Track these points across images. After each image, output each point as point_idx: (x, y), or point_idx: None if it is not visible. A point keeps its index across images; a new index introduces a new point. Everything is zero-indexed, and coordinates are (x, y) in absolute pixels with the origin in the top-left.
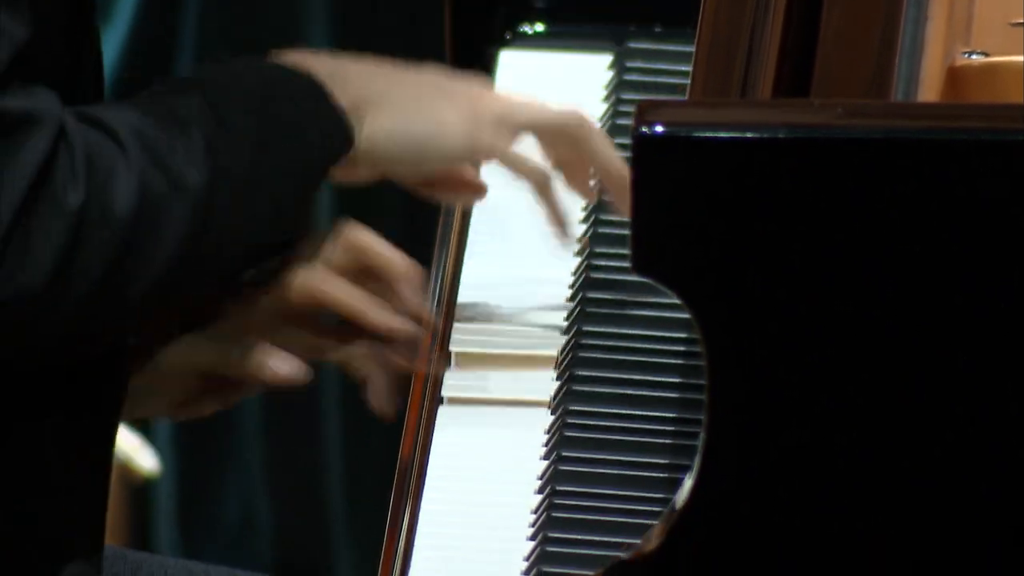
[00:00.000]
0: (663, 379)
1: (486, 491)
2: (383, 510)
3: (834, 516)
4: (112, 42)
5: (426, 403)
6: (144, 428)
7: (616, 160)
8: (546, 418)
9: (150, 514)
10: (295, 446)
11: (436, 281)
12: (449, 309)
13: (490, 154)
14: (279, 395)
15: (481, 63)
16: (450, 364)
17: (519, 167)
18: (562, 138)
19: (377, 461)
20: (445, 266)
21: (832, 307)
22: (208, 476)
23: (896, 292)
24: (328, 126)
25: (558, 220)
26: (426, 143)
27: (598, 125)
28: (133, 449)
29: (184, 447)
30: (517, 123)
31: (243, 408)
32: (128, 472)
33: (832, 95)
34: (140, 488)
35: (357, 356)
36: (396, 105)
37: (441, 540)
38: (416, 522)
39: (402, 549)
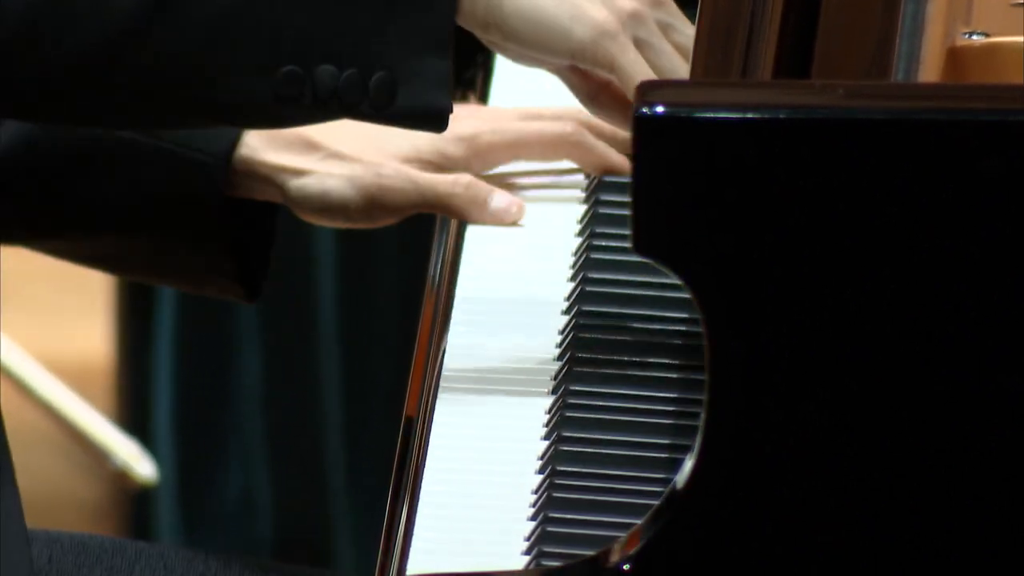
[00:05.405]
0: (664, 360)
1: (487, 471)
2: (384, 490)
3: (835, 497)
4: None
5: (428, 373)
6: (142, 415)
7: None
8: (547, 398)
9: (150, 494)
10: (295, 425)
11: (436, 265)
12: (449, 289)
13: (607, 65)
14: (279, 374)
15: (480, 48)
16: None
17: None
18: None
19: (378, 441)
20: (445, 250)
21: (834, 288)
22: (207, 456)
23: (897, 273)
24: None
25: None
26: (552, 29)
27: None
28: (131, 457)
29: (184, 427)
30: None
31: (242, 387)
32: (126, 479)
33: (833, 75)
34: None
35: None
36: None
37: (442, 520)
38: (417, 501)
39: (402, 528)
